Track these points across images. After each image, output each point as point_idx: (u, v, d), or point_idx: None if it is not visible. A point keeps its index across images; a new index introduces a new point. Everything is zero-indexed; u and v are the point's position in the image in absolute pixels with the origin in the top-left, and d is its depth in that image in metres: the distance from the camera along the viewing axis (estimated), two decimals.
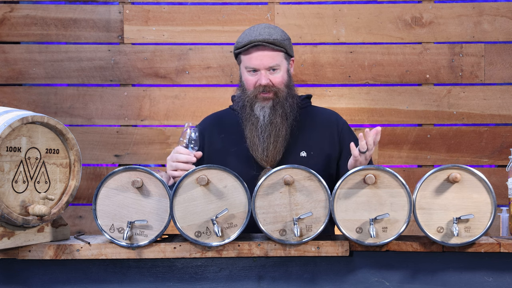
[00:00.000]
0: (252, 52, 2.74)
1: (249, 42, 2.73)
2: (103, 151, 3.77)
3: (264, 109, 2.75)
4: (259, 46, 2.73)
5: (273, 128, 2.74)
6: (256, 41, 2.72)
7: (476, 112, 3.73)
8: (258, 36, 2.72)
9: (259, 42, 2.72)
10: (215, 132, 2.86)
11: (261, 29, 2.74)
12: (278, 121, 2.74)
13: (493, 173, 3.71)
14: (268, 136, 2.74)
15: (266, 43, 2.72)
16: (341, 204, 2.34)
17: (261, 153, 2.74)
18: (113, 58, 3.77)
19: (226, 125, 2.86)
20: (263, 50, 2.73)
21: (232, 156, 2.79)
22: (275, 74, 2.75)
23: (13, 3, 3.77)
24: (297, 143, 2.78)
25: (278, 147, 2.74)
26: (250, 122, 2.76)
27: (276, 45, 2.72)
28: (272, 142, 2.73)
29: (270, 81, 2.73)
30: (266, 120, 2.74)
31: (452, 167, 2.34)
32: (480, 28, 3.73)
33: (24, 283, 2.42)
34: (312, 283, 2.42)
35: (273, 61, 2.73)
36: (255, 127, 2.75)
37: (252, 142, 2.75)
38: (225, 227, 2.37)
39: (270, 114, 2.74)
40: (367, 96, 3.76)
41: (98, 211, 2.37)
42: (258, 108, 2.76)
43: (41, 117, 2.33)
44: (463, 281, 2.40)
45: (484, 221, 2.34)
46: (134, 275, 2.42)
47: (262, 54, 2.73)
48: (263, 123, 2.75)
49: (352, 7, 3.76)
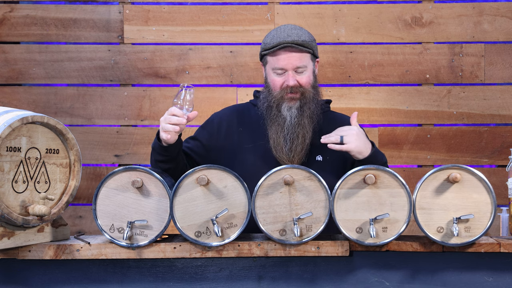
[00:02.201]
0: (280, 53, 2.73)
1: (278, 43, 2.72)
2: (103, 151, 3.77)
3: (291, 109, 2.74)
4: (287, 47, 2.72)
5: (300, 129, 2.72)
6: (285, 43, 2.71)
7: (476, 112, 3.74)
8: (287, 38, 2.72)
9: (288, 44, 2.71)
10: (234, 125, 2.85)
11: (288, 30, 2.74)
12: (306, 122, 2.73)
13: (493, 173, 3.71)
14: (296, 137, 2.72)
15: (295, 45, 2.71)
16: (341, 204, 2.34)
17: (286, 153, 2.71)
18: (113, 58, 3.77)
19: (246, 120, 2.85)
20: (291, 51, 2.72)
21: (249, 153, 2.78)
22: (302, 75, 2.74)
23: (13, 3, 3.77)
24: (314, 147, 2.77)
25: (305, 148, 2.72)
26: (276, 122, 2.74)
27: (304, 46, 2.72)
28: (299, 144, 2.71)
29: (297, 81, 2.73)
30: (294, 121, 2.73)
31: (452, 167, 2.34)
32: (480, 28, 3.73)
33: (24, 283, 2.42)
34: (312, 283, 2.42)
35: (301, 61, 2.73)
36: (281, 127, 2.73)
37: (276, 143, 2.73)
38: (225, 227, 2.37)
39: (298, 115, 2.73)
40: (367, 96, 3.76)
41: (98, 211, 2.37)
42: (285, 109, 2.74)
43: (41, 117, 2.33)
44: (463, 281, 2.40)
45: (484, 221, 2.33)
46: (134, 275, 2.42)
47: (290, 55, 2.72)
48: (290, 123, 2.73)
49: (352, 7, 3.76)
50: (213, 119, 2.88)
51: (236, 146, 2.80)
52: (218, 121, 2.87)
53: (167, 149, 2.61)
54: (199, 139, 2.84)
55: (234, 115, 2.87)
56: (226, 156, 2.80)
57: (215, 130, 2.84)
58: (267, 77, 2.80)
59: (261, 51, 2.80)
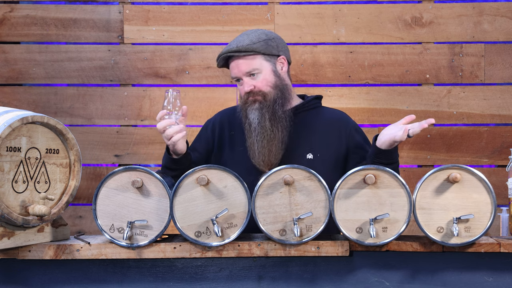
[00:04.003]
0: (230, 64, 2.79)
1: (218, 56, 2.79)
2: (103, 151, 3.77)
3: (253, 111, 2.76)
4: (231, 57, 2.76)
5: (264, 131, 2.73)
6: (223, 54, 2.77)
7: (476, 112, 3.73)
8: (226, 48, 2.77)
9: (226, 54, 2.76)
10: (226, 129, 2.87)
11: (236, 39, 2.77)
12: (267, 124, 2.73)
13: (493, 173, 3.71)
14: (262, 139, 2.73)
15: (233, 53, 2.74)
16: (341, 204, 2.34)
17: (257, 158, 2.73)
18: (113, 58, 3.77)
19: (237, 122, 2.86)
20: (236, 59, 2.75)
21: (241, 155, 2.79)
22: (256, 79, 2.76)
23: (13, 3, 3.77)
24: (304, 146, 2.77)
25: (274, 151, 2.72)
26: (247, 127, 2.77)
27: (243, 51, 2.73)
28: (266, 146, 2.72)
29: (253, 86, 2.75)
30: (256, 124, 2.75)
31: (452, 167, 2.34)
32: (480, 28, 3.73)
33: (24, 283, 2.42)
34: (312, 283, 2.42)
35: (249, 66, 2.74)
36: (250, 132, 2.76)
37: (250, 148, 2.75)
38: (225, 227, 2.37)
39: (259, 117, 2.74)
40: (367, 96, 3.76)
41: (98, 211, 2.37)
42: (250, 113, 2.76)
43: (41, 117, 2.33)
44: (463, 281, 2.40)
45: (484, 221, 2.34)
46: (134, 275, 2.42)
47: (237, 62, 2.75)
48: (255, 126, 2.75)
49: (352, 7, 3.76)
50: (207, 126, 2.93)
51: (229, 149, 2.82)
52: (211, 127, 2.91)
53: (178, 162, 2.66)
54: (199, 150, 2.89)
55: (225, 119, 2.91)
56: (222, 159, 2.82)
57: (210, 136, 2.89)
58: None
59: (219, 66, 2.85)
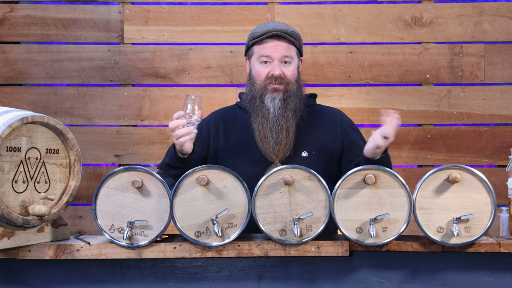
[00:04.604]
0: (267, 42, 2.74)
1: (267, 31, 2.73)
2: (103, 151, 3.77)
3: (275, 100, 2.72)
4: (275, 36, 2.73)
5: (284, 122, 2.70)
6: (275, 30, 2.73)
7: (476, 112, 3.73)
8: (276, 27, 2.74)
9: (278, 32, 2.72)
10: (220, 128, 2.85)
11: (277, 23, 2.78)
12: (290, 115, 2.71)
13: (493, 173, 3.71)
14: (281, 130, 2.70)
15: (284, 33, 2.73)
16: (341, 204, 2.34)
17: (272, 146, 2.70)
18: (113, 58, 3.77)
19: (231, 122, 2.84)
20: (279, 40, 2.73)
21: (235, 155, 2.78)
22: (288, 67, 2.74)
23: (13, 3, 3.77)
24: (300, 143, 2.76)
25: (289, 143, 2.71)
26: (260, 114, 2.72)
27: (292, 37, 2.75)
28: (284, 137, 2.69)
29: (282, 72, 2.73)
30: (278, 113, 2.71)
31: (452, 167, 2.34)
32: (480, 28, 3.73)
33: (24, 283, 2.42)
34: (312, 283, 2.42)
35: (288, 51, 2.73)
36: (266, 119, 2.71)
37: (262, 135, 2.71)
38: (225, 227, 2.37)
39: (281, 107, 2.71)
40: (367, 96, 3.76)
41: (98, 211, 2.37)
42: (268, 100, 2.72)
43: (41, 117, 2.33)
44: (463, 281, 2.40)
45: (484, 221, 2.33)
46: (134, 275, 2.42)
47: (278, 43, 2.73)
48: (274, 115, 2.71)
49: (352, 7, 3.76)
50: (201, 127, 2.85)
51: (223, 148, 2.80)
52: (206, 128, 2.86)
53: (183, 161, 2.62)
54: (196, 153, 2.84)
55: (220, 119, 2.87)
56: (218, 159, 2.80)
57: (205, 137, 2.84)
58: (252, 69, 2.79)
59: (248, 41, 2.80)
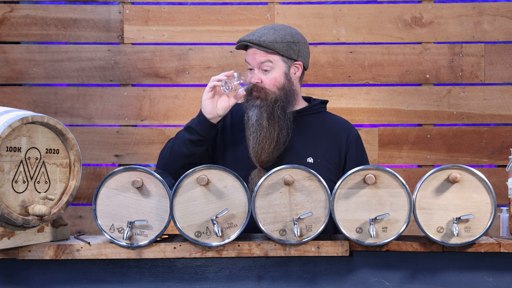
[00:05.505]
0: (248, 49, 2.75)
1: (238, 41, 2.75)
2: (103, 151, 3.77)
3: (252, 108, 2.72)
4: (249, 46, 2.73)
5: (260, 129, 2.69)
6: (243, 41, 2.73)
7: (476, 112, 3.74)
8: (246, 37, 2.73)
9: (245, 42, 2.72)
10: (228, 126, 2.84)
11: (262, 30, 2.73)
12: (264, 123, 2.68)
13: (493, 173, 3.71)
14: (257, 136, 2.69)
15: (251, 43, 2.71)
16: (341, 204, 2.34)
17: (252, 152, 2.70)
18: (113, 58, 3.77)
19: (236, 120, 2.83)
20: (258, 48, 2.71)
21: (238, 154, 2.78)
22: (267, 75, 2.71)
23: (13, 3, 3.77)
24: (305, 149, 2.75)
25: (267, 149, 2.68)
26: (246, 120, 2.75)
27: (263, 46, 2.68)
28: (260, 144, 2.68)
29: (260, 81, 2.72)
30: (254, 120, 2.71)
31: (452, 167, 2.34)
32: (480, 28, 3.73)
33: (24, 283, 2.42)
34: (312, 283, 2.42)
35: (265, 58, 2.69)
36: (247, 126, 2.73)
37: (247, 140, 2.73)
38: (225, 227, 2.37)
39: (257, 115, 2.70)
40: (367, 96, 3.76)
41: (98, 211, 2.37)
42: (249, 107, 2.74)
43: (41, 117, 2.33)
44: (463, 281, 2.40)
45: (484, 221, 2.33)
46: (134, 275, 2.42)
47: (255, 51, 2.71)
48: (252, 123, 2.72)
49: (352, 7, 3.76)
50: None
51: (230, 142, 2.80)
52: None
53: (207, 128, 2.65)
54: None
55: (228, 115, 2.85)
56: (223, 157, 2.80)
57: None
58: None
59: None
